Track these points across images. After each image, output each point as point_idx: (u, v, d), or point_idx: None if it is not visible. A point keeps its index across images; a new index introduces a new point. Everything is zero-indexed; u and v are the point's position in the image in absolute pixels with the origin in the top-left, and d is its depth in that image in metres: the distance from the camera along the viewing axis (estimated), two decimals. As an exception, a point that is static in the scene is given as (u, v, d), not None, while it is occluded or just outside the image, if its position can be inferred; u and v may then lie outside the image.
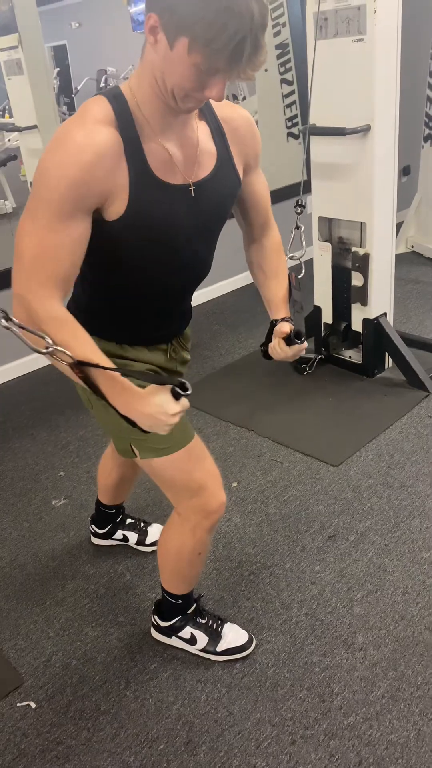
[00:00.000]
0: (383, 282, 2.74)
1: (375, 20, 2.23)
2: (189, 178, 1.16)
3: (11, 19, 3.52)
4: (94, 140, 1.03)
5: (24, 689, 1.61)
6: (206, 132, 1.19)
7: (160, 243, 1.17)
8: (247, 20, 0.93)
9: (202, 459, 1.37)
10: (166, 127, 1.12)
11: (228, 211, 1.30)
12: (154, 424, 1.06)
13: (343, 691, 1.52)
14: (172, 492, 1.40)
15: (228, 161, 1.22)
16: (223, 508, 1.40)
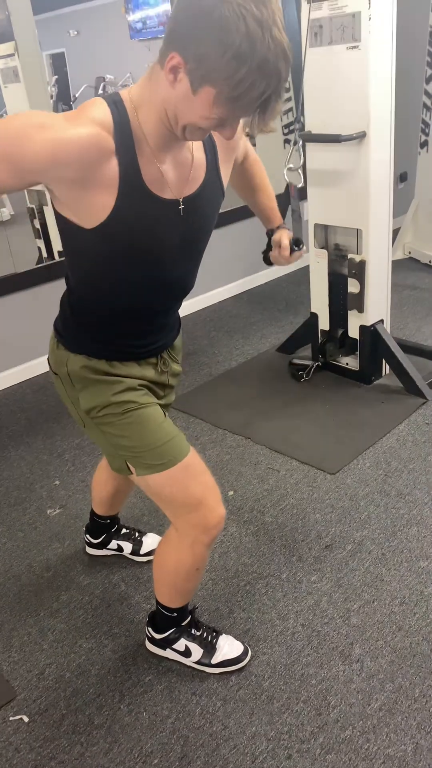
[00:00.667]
0: (380, 289, 2.73)
1: (369, 27, 2.23)
2: (179, 195, 1.15)
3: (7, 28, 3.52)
4: (78, 130, 0.99)
5: (17, 702, 1.59)
6: (200, 148, 1.19)
7: (144, 254, 1.16)
8: (275, 80, 0.93)
9: (199, 473, 1.35)
10: (163, 148, 1.10)
11: (212, 225, 1.28)
12: None
13: (339, 704, 1.50)
14: (170, 508, 1.38)
15: (215, 173, 1.22)
16: (222, 522, 1.38)
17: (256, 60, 0.90)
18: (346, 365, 2.93)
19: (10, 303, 3.10)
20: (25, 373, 3.24)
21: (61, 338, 1.32)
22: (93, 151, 1.02)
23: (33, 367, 3.25)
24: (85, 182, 1.04)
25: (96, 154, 1.02)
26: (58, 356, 1.33)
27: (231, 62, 0.91)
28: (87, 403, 1.30)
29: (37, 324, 3.18)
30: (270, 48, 0.90)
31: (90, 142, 1.01)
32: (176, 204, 1.15)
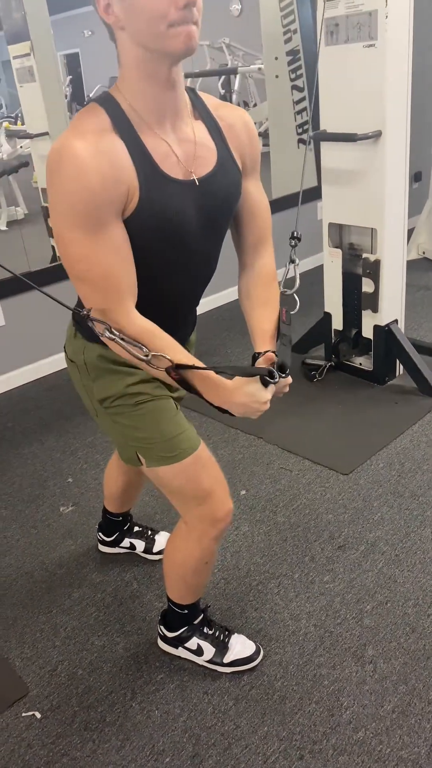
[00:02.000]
0: (394, 288, 2.71)
1: (386, 26, 2.22)
2: (192, 173, 1.15)
3: (24, 27, 3.54)
4: (96, 146, 1.03)
5: (29, 699, 1.59)
6: (203, 130, 1.18)
7: (168, 238, 1.16)
8: None
9: (208, 466, 1.35)
10: (160, 117, 1.10)
11: (234, 205, 1.27)
12: (247, 411, 1.15)
13: (352, 705, 1.49)
14: (179, 500, 1.38)
15: (228, 157, 1.21)
16: (230, 516, 1.38)
17: None
18: (360, 365, 2.91)
19: (23, 301, 3.12)
20: (39, 371, 3.25)
21: (79, 327, 1.33)
22: (105, 155, 1.03)
23: (46, 365, 3.26)
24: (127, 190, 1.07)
25: (109, 156, 1.04)
26: (76, 345, 1.33)
27: None
28: (101, 392, 1.30)
29: (51, 323, 3.20)
30: None
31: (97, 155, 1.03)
32: (192, 184, 1.15)
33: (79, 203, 1.02)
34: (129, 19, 1.01)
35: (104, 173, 1.02)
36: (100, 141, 1.04)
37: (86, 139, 1.03)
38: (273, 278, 1.35)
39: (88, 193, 1.01)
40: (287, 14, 3.97)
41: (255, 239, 1.33)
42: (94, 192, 1.02)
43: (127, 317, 1.10)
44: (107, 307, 1.09)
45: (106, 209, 1.04)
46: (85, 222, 1.03)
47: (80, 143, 1.02)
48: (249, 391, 1.12)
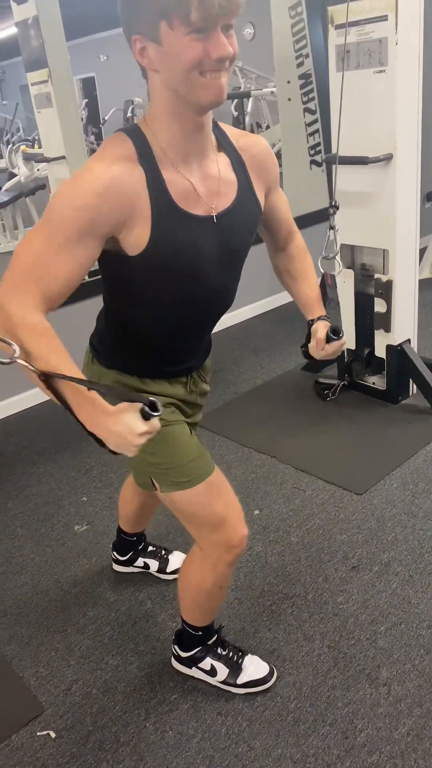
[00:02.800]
0: (406, 308, 2.73)
1: (396, 52, 2.26)
2: (212, 209, 1.18)
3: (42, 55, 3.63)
4: (111, 171, 1.06)
5: (44, 718, 1.60)
6: (226, 163, 1.22)
7: (184, 274, 1.19)
8: None
9: (223, 492, 1.36)
10: (185, 156, 1.14)
11: (251, 240, 1.31)
12: (121, 444, 0.98)
13: (366, 728, 1.49)
14: (193, 526, 1.39)
15: (249, 190, 1.24)
16: (245, 542, 1.39)
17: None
18: (373, 385, 2.92)
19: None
20: (54, 391, 3.29)
21: (97, 353, 1.36)
22: (130, 183, 1.07)
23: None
24: (132, 215, 1.09)
25: (133, 185, 1.07)
26: (92, 370, 1.36)
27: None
28: None
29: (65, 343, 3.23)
30: None
31: (125, 177, 1.07)
32: (210, 220, 1.18)
33: (65, 214, 1.04)
34: (162, 65, 1.04)
35: (110, 196, 1.05)
36: (120, 167, 1.07)
37: (106, 162, 1.07)
38: (306, 253, 1.47)
39: (85, 210, 1.04)
40: (299, 39, 4.03)
41: (285, 234, 1.44)
42: (91, 210, 1.04)
43: (23, 309, 1.01)
44: (10, 293, 1.02)
45: (92, 230, 1.05)
46: (66, 231, 1.04)
47: (99, 165, 1.06)
48: (125, 420, 0.95)
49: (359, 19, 2.31)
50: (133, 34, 1.05)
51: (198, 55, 1.01)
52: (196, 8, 0.97)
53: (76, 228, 1.04)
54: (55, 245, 1.04)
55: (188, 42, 1.00)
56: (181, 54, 1.01)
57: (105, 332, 1.35)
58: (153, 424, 0.96)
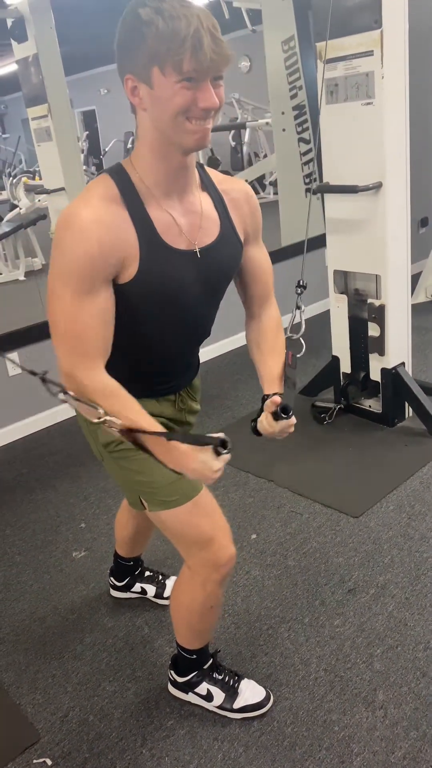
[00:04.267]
0: (400, 332, 2.76)
1: (383, 85, 2.33)
2: (194, 244, 1.22)
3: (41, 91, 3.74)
4: (100, 216, 1.11)
5: (41, 745, 1.60)
6: (209, 202, 1.27)
7: (166, 305, 1.23)
8: (192, 18, 1.02)
9: (210, 512, 1.38)
10: (169, 192, 1.19)
11: (232, 275, 1.36)
12: (200, 477, 1.14)
13: (362, 752, 1.48)
14: (182, 545, 1.41)
15: (230, 229, 1.29)
16: (233, 561, 1.40)
17: (164, 14, 1.02)
18: (369, 408, 2.95)
19: (40, 349, 3.20)
20: (54, 418, 3.32)
21: None
22: (107, 224, 1.11)
23: (61, 412, 3.33)
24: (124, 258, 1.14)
25: (117, 231, 1.12)
26: None
27: (148, 32, 1.03)
28: (105, 437, 1.35)
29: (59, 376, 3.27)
30: (174, 4, 1.03)
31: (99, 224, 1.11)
32: (193, 254, 1.23)
33: (75, 266, 1.10)
34: (152, 106, 1.09)
35: (103, 241, 1.10)
36: (105, 210, 1.12)
37: (92, 206, 1.12)
38: (279, 327, 1.45)
39: (86, 258, 1.09)
40: (293, 72, 4.15)
41: (260, 294, 1.44)
42: (92, 257, 1.09)
43: (92, 376, 1.13)
44: (74, 364, 1.13)
45: (99, 275, 1.11)
46: (76, 283, 1.10)
47: (86, 210, 1.11)
48: (201, 458, 1.11)
49: (347, 54, 2.39)
50: (126, 73, 1.10)
51: (186, 102, 1.06)
52: (188, 59, 1.02)
53: (89, 280, 1.10)
54: (82, 301, 1.10)
55: (178, 89, 1.05)
56: (170, 100, 1.06)
57: None
58: (225, 458, 1.12)
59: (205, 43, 1.02)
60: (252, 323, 1.46)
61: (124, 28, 1.08)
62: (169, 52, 1.03)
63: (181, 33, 1.01)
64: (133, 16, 1.06)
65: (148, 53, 1.04)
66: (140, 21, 1.04)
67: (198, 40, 1.02)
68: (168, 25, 1.02)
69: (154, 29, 1.03)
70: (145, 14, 1.04)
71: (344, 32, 2.36)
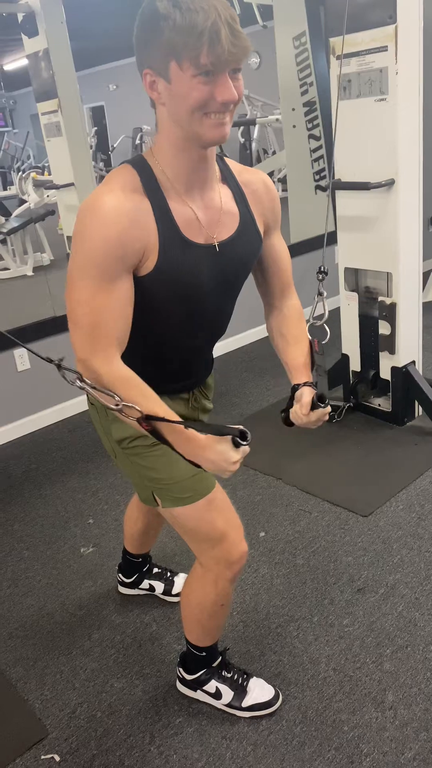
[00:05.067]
0: (411, 330, 2.75)
1: (396, 81, 2.31)
2: (213, 238, 1.21)
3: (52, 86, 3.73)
4: (123, 205, 1.10)
5: (48, 741, 1.60)
6: (229, 195, 1.25)
7: (184, 299, 1.22)
8: (210, 10, 1.01)
9: (223, 509, 1.37)
10: (189, 186, 1.18)
11: (250, 268, 1.34)
12: (217, 469, 1.13)
13: (372, 752, 1.48)
14: (194, 542, 1.41)
15: (250, 222, 1.28)
16: (244, 558, 1.40)
17: (182, 6, 1.01)
18: (378, 406, 2.93)
19: (49, 345, 3.20)
20: (62, 413, 3.32)
21: None
22: (129, 215, 1.10)
23: (69, 408, 3.33)
24: (145, 249, 1.13)
25: (140, 222, 1.11)
26: None
27: (165, 26, 1.02)
28: (118, 433, 1.35)
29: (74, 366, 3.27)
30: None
31: (132, 207, 1.10)
32: (212, 249, 1.21)
33: (96, 253, 1.09)
34: (170, 101, 1.08)
35: (125, 230, 1.09)
36: (127, 199, 1.11)
37: (115, 195, 1.11)
38: (301, 316, 1.45)
39: (107, 247, 1.08)
40: (303, 68, 4.12)
41: (281, 285, 1.43)
42: (113, 246, 1.09)
43: (108, 365, 1.12)
44: (91, 352, 1.12)
45: (119, 264, 1.10)
46: (97, 271, 1.09)
47: (109, 199, 1.10)
48: (219, 449, 1.10)
49: (360, 50, 2.37)
50: (145, 68, 1.08)
51: (204, 96, 1.05)
52: (206, 52, 1.01)
53: (110, 270, 1.09)
54: (101, 289, 1.09)
55: (196, 83, 1.04)
56: (188, 94, 1.05)
57: None
58: (244, 450, 1.11)
59: (222, 35, 1.00)
60: (273, 314, 1.46)
61: (142, 21, 1.07)
62: (186, 47, 1.01)
63: (199, 26, 1.00)
64: (150, 9, 1.05)
65: (166, 47, 1.03)
66: (158, 15, 1.03)
67: (215, 32, 1.00)
68: (185, 18, 1.00)
69: (171, 23, 1.02)
70: (162, 7, 1.02)
71: (358, 27, 2.34)
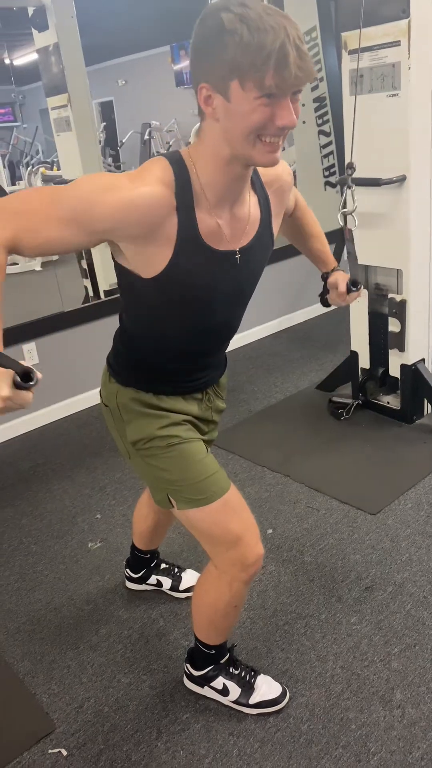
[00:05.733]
0: (421, 328, 2.73)
1: (409, 76, 2.29)
2: (231, 246, 1.20)
3: (62, 80, 3.72)
4: (146, 190, 1.06)
5: (56, 736, 1.60)
6: (255, 203, 1.24)
7: (195, 303, 1.21)
8: (279, 30, 0.96)
9: (239, 510, 1.37)
10: (221, 199, 1.15)
11: (261, 273, 1.34)
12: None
13: (380, 751, 1.47)
14: (209, 544, 1.40)
15: (268, 228, 1.27)
16: (260, 560, 1.39)
17: (250, 23, 0.96)
18: (387, 404, 2.92)
19: (57, 340, 3.21)
20: (70, 408, 3.32)
21: (114, 372, 1.38)
22: (157, 209, 1.08)
23: (77, 402, 3.33)
24: (147, 238, 1.10)
25: (159, 212, 1.08)
26: (110, 389, 1.38)
27: (231, 41, 0.97)
28: (133, 435, 1.35)
29: (83, 361, 3.28)
30: (260, 12, 0.97)
31: (155, 201, 1.07)
32: (232, 255, 1.20)
33: (90, 189, 1.05)
34: (225, 119, 1.04)
35: (140, 208, 1.05)
36: (156, 189, 1.07)
37: (144, 181, 1.07)
38: (308, 208, 1.56)
39: (95, 202, 1.04)
40: (314, 63, 4.10)
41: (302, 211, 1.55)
42: (119, 209, 1.04)
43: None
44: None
45: (91, 222, 1.05)
46: (67, 205, 1.04)
47: (134, 182, 1.06)
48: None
49: (372, 44, 2.35)
50: (202, 82, 1.03)
51: (264, 119, 1.01)
52: (273, 74, 0.97)
53: (72, 211, 1.04)
54: (50, 212, 1.04)
55: (257, 105, 1.00)
56: (248, 116, 1.01)
57: (120, 351, 1.38)
58: (22, 395, 0.90)
59: (291, 58, 0.96)
60: (289, 219, 1.52)
61: (204, 32, 1.02)
62: (252, 67, 0.97)
63: (267, 47, 0.95)
64: (215, 21, 0.99)
65: (229, 65, 0.98)
66: (222, 28, 0.98)
67: (284, 55, 0.96)
68: (253, 37, 0.96)
69: (237, 39, 0.97)
70: (228, 21, 0.97)
71: (370, 22, 2.32)
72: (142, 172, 1.10)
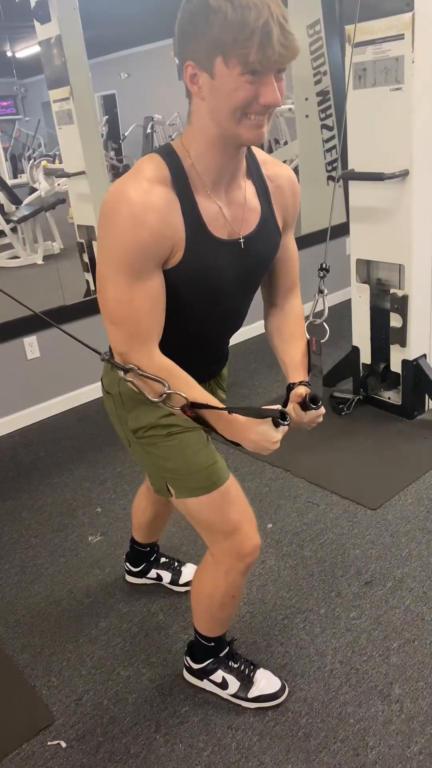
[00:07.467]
0: (422, 323, 2.73)
1: (413, 70, 2.28)
2: (238, 234, 1.21)
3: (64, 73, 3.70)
4: (151, 200, 1.08)
5: (55, 728, 1.61)
6: (252, 191, 1.24)
7: (205, 293, 1.22)
8: (263, 8, 0.97)
9: (236, 501, 1.37)
10: (217, 182, 1.16)
11: (270, 264, 1.34)
12: (258, 448, 1.18)
13: (378, 745, 1.47)
14: (207, 533, 1.40)
15: (271, 218, 1.27)
16: (257, 551, 1.39)
17: (234, 1, 0.97)
18: (388, 399, 2.91)
19: (58, 334, 3.19)
20: (71, 402, 3.32)
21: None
22: (164, 207, 1.09)
23: (78, 396, 3.33)
24: (173, 245, 1.12)
25: (166, 208, 1.10)
26: (112, 377, 1.38)
27: (215, 19, 0.98)
28: (134, 423, 1.35)
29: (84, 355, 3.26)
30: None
31: (159, 200, 1.09)
32: (234, 243, 1.21)
33: (128, 252, 1.08)
34: (211, 97, 1.05)
35: (155, 227, 1.08)
36: (155, 193, 1.09)
37: (143, 188, 1.08)
38: (301, 317, 1.44)
39: (138, 245, 1.07)
40: (317, 57, 4.08)
41: (288, 285, 1.42)
42: (145, 244, 1.08)
43: (148, 357, 1.16)
44: (130, 347, 1.15)
45: (150, 261, 1.10)
46: (129, 269, 1.09)
47: (137, 193, 1.07)
48: (260, 430, 1.16)
49: (376, 38, 2.34)
50: (187, 60, 1.05)
51: (248, 96, 1.02)
52: (256, 50, 0.98)
53: (140, 266, 1.09)
54: (135, 286, 1.10)
55: (242, 82, 1.01)
56: (232, 92, 1.02)
57: None
58: (283, 429, 1.18)
59: (274, 35, 0.97)
60: (273, 311, 1.44)
61: (189, 10, 1.02)
62: (235, 44, 0.98)
63: (250, 24, 0.96)
64: (197, 7, 1.00)
65: (213, 42, 1.00)
66: (207, 7, 0.99)
67: (267, 32, 0.97)
68: (237, 13, 0.97)
69: (221, 17, 0.98)
70: (211, 2, 0.98)
71: (374, 15, 2.31)
72: (137, 176, 1.10)
